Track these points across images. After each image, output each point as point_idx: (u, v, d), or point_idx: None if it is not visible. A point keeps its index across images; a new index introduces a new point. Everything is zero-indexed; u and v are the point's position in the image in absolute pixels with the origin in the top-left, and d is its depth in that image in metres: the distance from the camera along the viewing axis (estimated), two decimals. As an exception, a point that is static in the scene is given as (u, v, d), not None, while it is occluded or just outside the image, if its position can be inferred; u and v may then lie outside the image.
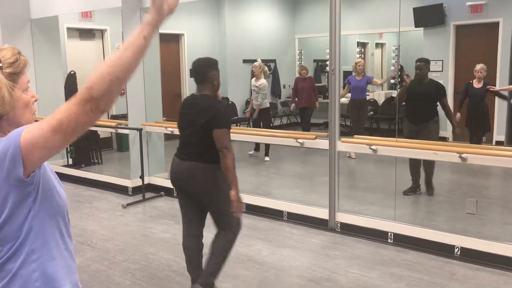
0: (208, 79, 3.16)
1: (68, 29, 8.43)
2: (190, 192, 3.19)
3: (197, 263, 3.29)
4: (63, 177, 7.01)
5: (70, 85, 8.17)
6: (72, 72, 8.28)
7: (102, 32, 9.00)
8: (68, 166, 7.33)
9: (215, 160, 3.04)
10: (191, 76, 3.12)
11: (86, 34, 8.80)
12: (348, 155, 7.28)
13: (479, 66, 6.53)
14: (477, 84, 6.59)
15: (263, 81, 7.99)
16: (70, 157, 7.49)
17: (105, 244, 4.42)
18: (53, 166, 7.22)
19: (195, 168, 3.09)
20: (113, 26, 8.74)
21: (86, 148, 7.63)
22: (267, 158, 8.02)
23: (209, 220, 3.28)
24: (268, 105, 8.23)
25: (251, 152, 8.35)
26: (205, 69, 3.18)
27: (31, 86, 1.59)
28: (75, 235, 4.66)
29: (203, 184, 3.12)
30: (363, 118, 8.13)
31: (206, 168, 3.09)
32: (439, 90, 5.47)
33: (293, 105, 9.40)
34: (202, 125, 3.04)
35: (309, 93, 9.01)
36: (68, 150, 7.42)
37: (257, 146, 8.31)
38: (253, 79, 8.24)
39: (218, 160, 3.03)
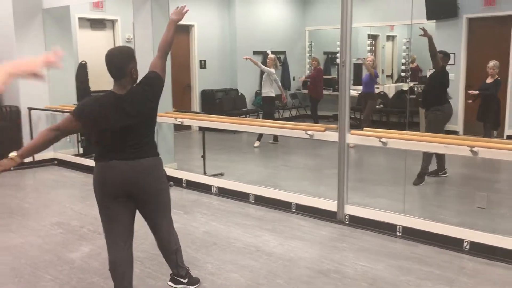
0: (127, 74, 2.79)
1: (80, 19, 8.46)
2: (140, 194, 2.90)
3: (130, 279, 3.04)
4: (73, 166, 7.08)
5: (81, 75, 8.22)
6: (83, 62, 8.32)
7: (113, 22, 9.02)
8: (78, 155, 7.38)
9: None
10: (109, 72, 2.83)
11: (97, 24, 8.83)
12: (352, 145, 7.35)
13: (492, 63, 6.47)
14: (489, 80, 6.54)
15: (272, 70, 8.28)
16: (81, 147, 7.54)
17: (115, 232, 4.46)
18: (64, 155, 7.34)
19: (154, 164, 2.94)
20: (124, 17, 8.76)
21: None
22: (257, 144, 8.20)
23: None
24: (273, 94, 8.40)
25: (270, 142, 8.55)
26: (124, 62, 2.78)
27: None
28: (86, 223, 4.71)
29: (159, 178, 2.97)
30: (367, 110, 8.38)
31: (160, 161, 3.00)
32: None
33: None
34: (147, 114, 2.90)
35: (314, 83, 9.50)
36: (79, 139, 7.48)
37: (275, 136, 8.39)
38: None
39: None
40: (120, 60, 2.79)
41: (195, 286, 3.33)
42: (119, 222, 2.92)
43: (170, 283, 3.34)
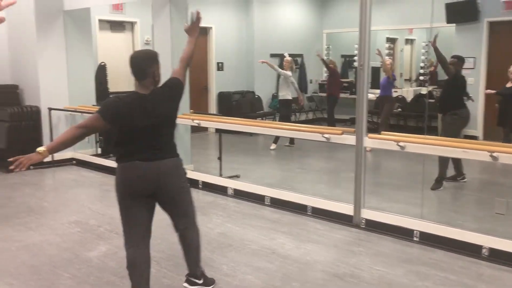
0: (149, 75, 2.89)
1: (100, 21, 8.59)
2: (161, 193, 2.98)
3: (148, 278, 3.06)
4: (91, 166, 7.17)
5: (100, 76, 8.32)
6: (102, 64, 8.43)
7: (132, 24, 9.13)
8: (97, 155, 7.47)
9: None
10: (132, 73, 2.95)
11: (116, 26, 8.94)
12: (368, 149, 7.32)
13: None
14: (509, 84, 6.46)
15: (289, 72, 8.32)
16: (99, 147, 7.63)
17: (132, 232, 4.50)
18: (82, 155, 7.43)
19: (175, 164, 3.01)
20: (143, 19, 8.86)
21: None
22: (273, 146, 8.21)
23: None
24: (290, 97, 8.43)
25: (286, 144, 8.55)
26: (145, 65, 2.88)
27: (63, 77, 1.65)
28: (104, 222, 4.77)
29: (180, 178, 3.05)
30: (384, 113, 8.34)
31: (180, 162, 3.07)
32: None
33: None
34: (170, 116, 3.02)
35: (329, 83, 9.75)
36: (97, 140, 7.57)
37: (291, 139, 8.40)
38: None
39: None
40: (143, 62, 2.90)
41: (210, 287, 3.35)
42: (138, 222, 2.98)
43: (185, 284, 3.36)
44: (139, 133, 2.87)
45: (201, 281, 3.31)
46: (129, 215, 2.97)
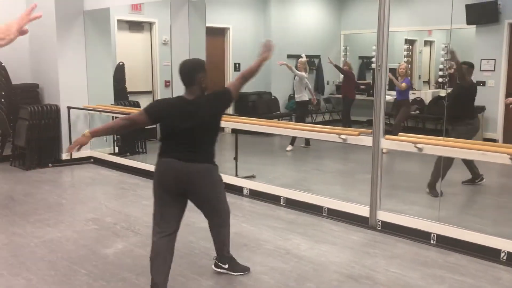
0: (196, 82, 3.12)
1: (119, 21, 8.67)
2: (191, 194, 3.17)
3: (168, 271, 3.16)
4: (109, 164, 7.25)
5: (119, 76, 8.41)
6: (121, 63, 8.52)
7: (150, 24, 9.20)
8: (114, 154, 7.55)
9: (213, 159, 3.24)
10: (181, 79, 3.19)
11: (135, 26, 9.03)
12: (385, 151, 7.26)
13: None
14: None
15: (304, 74, 8.33)
16: (116, 146, 7.71)
17: (148, 230, 4.51)
18: (100, 154, 7.53)
19: (206, 169, 3.18)
20: (161, 19, 8.93)
21: (132, 137, 7.84)
22: (289, 148, 8.20)
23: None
24: (306, 98, 8.44)
25: (302, 145, 8.55)
26: (192, 72, 3.12)
27: (82, 76, 1.80)
28: (120, 220, 4.81)
29: (211, 184, 3.21)
30: (399, 117, 8.25)
31: (213, 169, 3.24)
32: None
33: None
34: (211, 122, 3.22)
35: (344, 85, 9.87)
36: (115, 139, 7.65)
37: (307, 140, 8.38)
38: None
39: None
40: (191, 70, 3.14)
41: (236, 273, 3.53)
42: (168, 214, 3.15)
43: (213, 266, 3.60)
44: (179, 134, 3.08)
45: (226, 266, 3.53)
46: (160, 206, 3.15)
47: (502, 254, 3.82)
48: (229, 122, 6.43)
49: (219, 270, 3.57)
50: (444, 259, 3.88)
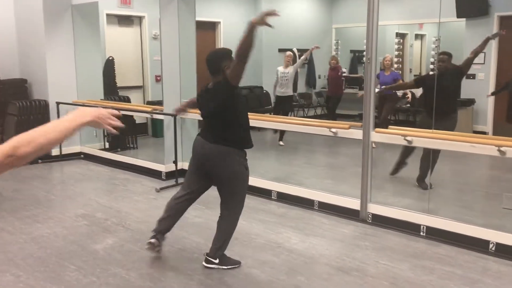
0: (220, 71, 3.28)
1: (108, 15, 8.59)
2: (208, 172, 3.50)
3: (169, 226, 3.70)
4: (99, 160, 7.21)
5: (108, 71, 8.35)
6: (110, 58, 8.46)
7: (140, 19, 9.13)
8: (104, 149, 7.51)
9: (236, 143, 3.44)
10: (207, 68, 3.42)
11: (124, 20, 8.95)
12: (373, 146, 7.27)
13: None
14: None
15: (291, 69, 8.31)
16: (107, 141, 7.66)
17: (139, 225, 4.52)
18: (90, 149, 7.47)
19: (219, 151, 3.39)
20: (151, 13, 8.86)
21: (122, 133, 7.80)
22: (281, 143, 8.20)
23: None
24: (291, 93, 8.46)
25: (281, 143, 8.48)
26: (217, 60, 3.29)
27: (71, 71, 1.72)
28: (110, 216, 4.79)
29: (224, 166, 3.41)
30: (385, 111, 8.15)
31: (226, 151, 3.40)
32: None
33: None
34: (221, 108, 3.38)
35: (335, 82, 9.53)
36: (105, 134, 7.61)
37: (281, 135, 8.40)
38: (281, 67, 8.34)
39: (238, 144, 3.45)
40: (215, 58, 3.34)
41: (226, 267, 3.55)
42: (190, 181, 3.61)
43: (203, 263, 3.60)
44: (203, 116, 3.55)
45: (216, 261, 3.54)
46: (188, 174, 3.66)
47: (491, 245, 3.85)
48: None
49: (209, 266, 3.56)
50: (434, 251, 3.91)
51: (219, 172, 3.44)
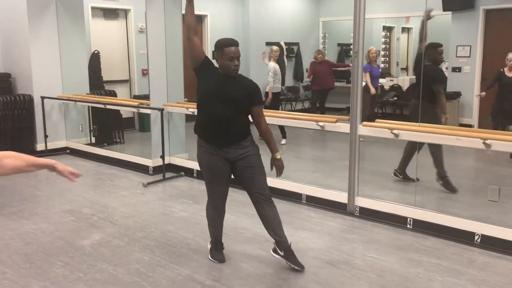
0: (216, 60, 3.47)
1: (93, 8, 8.49)
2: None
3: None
4: (85, 155, 7.14)
5: (94, 65, 8.26)
6: (96, 52, 8.36)
7: (126, 12, 9.04)
8: (91, 144, 7.44)
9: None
10: None
11: (110, 13, 8.85)
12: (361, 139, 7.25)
13: (511, 55, 6.33)
14: (509, 73, 6.40)
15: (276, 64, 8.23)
16: (93, 136, 7.60)
17: (126, 221, 4.50)
18: (76, 144, 7.39)
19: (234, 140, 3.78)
20: (136, 6, 8.78)
21: (109, 127, 7.73)
22: (283, 141, 8.04)
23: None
24: (279, 89, 8.41)
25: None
26: (214, 51, 3.49)
27: (56, 65, 1.72)
28: (97, 211, 4.75)
29: (241, 152, 3.79)
30: (372, 104, 8.17)
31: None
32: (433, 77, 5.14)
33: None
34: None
35: (323, 76, 9.27)
36: (91, 129, 7.53)
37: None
38: (272, 62, 8.26)
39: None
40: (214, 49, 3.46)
41: (292, 264, 3.45)
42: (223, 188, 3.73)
43: (270, 251, 3.57)
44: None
45: (282, 253, 3.46)
46: (213, 183, 3.78)
47: (476, 237, 3.89)
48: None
49: (275, 255, 3.52)
50: (420, 243, 3.94)
51: (235, 157, 3.81)
